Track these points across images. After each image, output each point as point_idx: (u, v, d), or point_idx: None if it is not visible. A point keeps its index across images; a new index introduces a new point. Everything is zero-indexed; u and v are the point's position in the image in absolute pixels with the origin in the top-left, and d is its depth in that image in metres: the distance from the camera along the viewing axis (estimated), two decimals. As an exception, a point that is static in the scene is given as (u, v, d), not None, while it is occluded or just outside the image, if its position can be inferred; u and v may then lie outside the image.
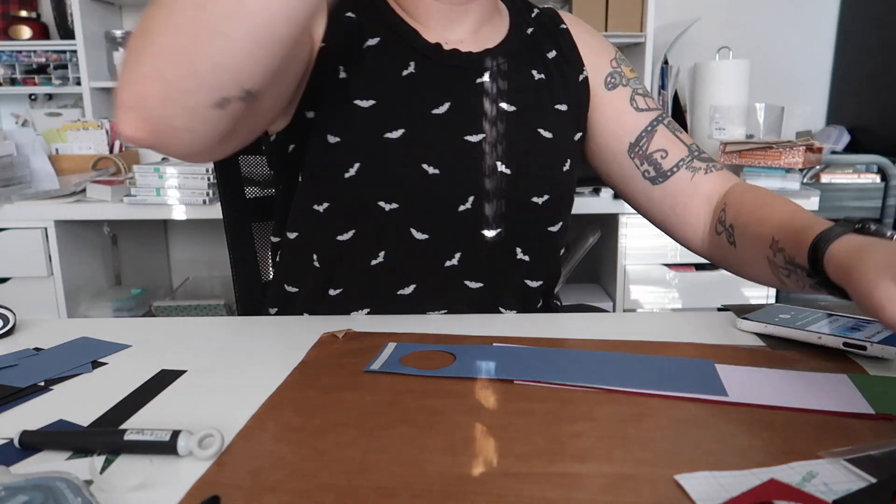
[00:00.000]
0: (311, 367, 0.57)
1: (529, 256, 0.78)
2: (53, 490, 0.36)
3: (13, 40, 2.19)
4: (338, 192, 0.71)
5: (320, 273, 0.76)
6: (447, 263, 0.74)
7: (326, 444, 0.44)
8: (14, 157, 1.83)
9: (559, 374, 0.54)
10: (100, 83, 2.16)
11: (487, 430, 0.46)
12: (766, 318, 0.65)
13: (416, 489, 0.38)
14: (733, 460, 0.41)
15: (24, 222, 1.74)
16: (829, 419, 0.47)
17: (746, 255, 0.71)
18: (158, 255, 2.46)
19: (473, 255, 0.75)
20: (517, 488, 0.38)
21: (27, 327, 0.69)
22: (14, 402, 0.52)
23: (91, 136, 2.02)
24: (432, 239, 0.73)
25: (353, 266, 0.74)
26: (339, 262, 0.74)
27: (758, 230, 0.68)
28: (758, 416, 0.47)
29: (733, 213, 0.73)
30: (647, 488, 0.38)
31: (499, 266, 0.77)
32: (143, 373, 0.57)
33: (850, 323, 0.63)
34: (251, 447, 0.44)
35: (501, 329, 0.66)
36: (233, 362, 0.59)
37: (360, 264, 0.74)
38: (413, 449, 0.43)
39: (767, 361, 0.58)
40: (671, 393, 0.51)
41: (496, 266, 0.76)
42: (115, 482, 0.39)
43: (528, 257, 0.78)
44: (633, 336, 0.64)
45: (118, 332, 0.67)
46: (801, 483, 0.38)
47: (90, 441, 0.44)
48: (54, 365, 0.59)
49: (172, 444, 0.42)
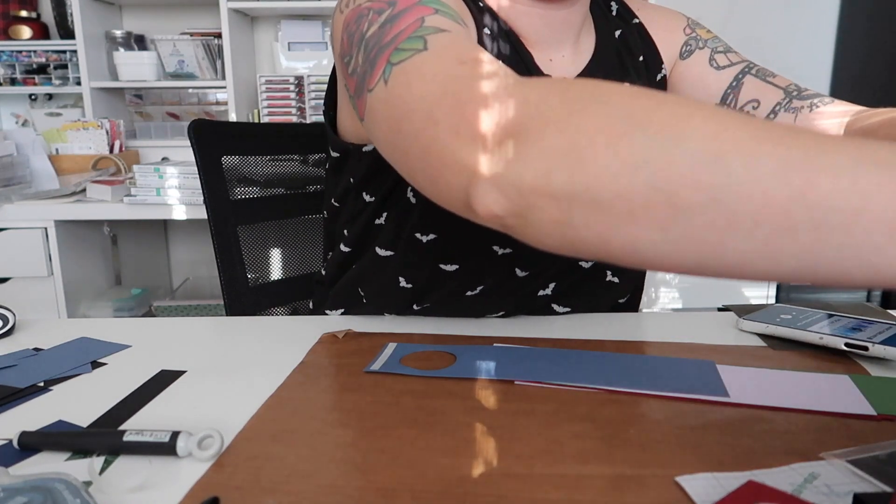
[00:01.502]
0: (311, 368, 0.57)
1: (619, 278, 0.77)
2: (52, 491, 0.36)
3: (13, 40, 2.19)
4: (448, 227, 0.68)
5: (409, 292, 0.73)
6: (540, 293, 0.73)
7: (326, 444, 0.44)
8: (14, 157, 1.83)
9: (560, 375, 0.54)
10: (100, 83, 2.16)
11: (488, 430, 0.45)
12: (767, 319, 0.65)
13: (416, 490, 0.38)
14: (734, 461, 0.41)
15: (24, 222, 1.74)
16: (830, 420, 0.47)
17: None
18: (158, 255, 2.46)
19: (567, 284, 0.74)
20: (518, 489, 0.38)
21: (27, 327, 0.69)
22: (13, 403, 0.51)
23: (91, 136, 2.02)
24: (533, 274, 0.72)
25: (448, 293, 0.73)
26: (435, 288, 0.73)
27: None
28: (759, 417, 0.47)
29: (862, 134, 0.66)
30: (647, 489, 0.38)
31: (590, 291, 0.76)
32: (142, 373, 0.57)
33: (851, 323, 0.63)
34: (251, 448, 0.43)
35: (502, 329, 0.66)
36: (233, 362, 0.59)
37: (456, 292, 0.72)
38: (413, 450, 0.43)
39: (769, 362, 0.58)
40: (672, 394, 0.51)
41: (586, 291, 0.76)
42: (115, 483, 0.39)
43: (618, 279, 0.77)
44: (633, 336, 0.64)
45: (118, 332, 0.67)
46: (802, 484, 0.38)
47: (89, 442, 0.44)
48: (54, 365, 0.59)
49: (172, 445, 0.42)
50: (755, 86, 0.76)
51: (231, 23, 2.17)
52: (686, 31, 0.81)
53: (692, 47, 0.80)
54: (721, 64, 0.79)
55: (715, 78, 0.78)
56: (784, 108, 0.74)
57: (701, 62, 0.79)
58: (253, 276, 0.94)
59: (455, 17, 0.52)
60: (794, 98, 0.74)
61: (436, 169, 0.43)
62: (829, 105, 0.73)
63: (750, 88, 0.76)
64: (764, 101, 0.75)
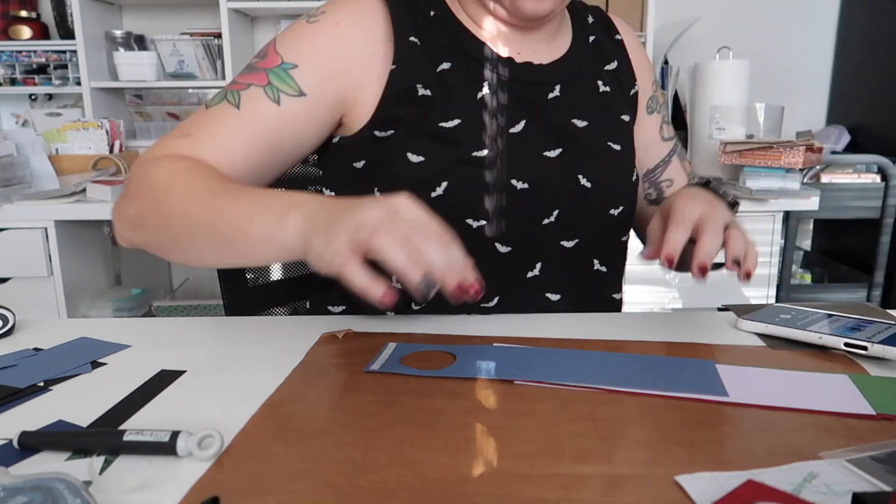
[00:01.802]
0: (311, 368, 0.57)
1: (606, 268, 0.79)
2: (52, 491, 0.36)
3: (13, 40, 2.19)
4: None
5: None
6: (529, 275, 0.75)
7: (326, 444, 0.44)
8: (14, 157, 1.83)
9: (559, 375, 0.54)
10: (100, 83, 2.16)
11: (488, 430, 0.45)
12: (766, 318, 0.65)
13: (416, 490, 0.38)
14: (734, 461, 0.41)
15: (24, 222, 1.74)
16: (830, 420, 0.47)
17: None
18: (158, 255, 2.46)
19: (554, 266, 0.75)
20: (518, 489, 0.38)
21: (27, 327, 0.69)
22: (13, 403, 0.51)
23: (91, 136, 2.02)
24: (514, 251, 0.73)
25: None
26: None
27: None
28: (758, 417, 0.47)
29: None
30: (647, 489, 0.38)
31: (578, 277, 0.77)
32: (142, 373, 0.57)
33: (850, 323, 0.63)
34: (251, 447, 0.43)
35: (501, 329, 0.66)
36: (233, 362, 0.59)
37: None
38: (413, 449, 0.43)
39: (768, 361, 0.58)
40: (672, 393, 0.51)
41: (575, 277, 0.77)
42: (115, 483, 0.39)
43: (606, 268, 0.78)
44: (633, 336, 0.64)
45: (118, 332, 0.67)
46: (802, 484, 0.38)
47: (89, 442, 0.44)
48: (54, 365, 0.59)
49: (172, 445, 0.42)
50: (676, 168, 0.88)
51: (231, 23, 2.17)
52: (653, 87, 0.87)
53: (654, 106, 0.86)
54: (666, 136, 0.87)
55: (659, 147, 0.87)
56: None
57: (655, 126, 0.86)
58: (252, 276, 0.94)
59: (274, 96, 0.68)
60: (690, 185, 0.83)
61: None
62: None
63: (673, 169, 0.88)
64: (675, 184, 0.87)
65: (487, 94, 0.73)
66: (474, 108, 0.72)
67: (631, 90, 0.83)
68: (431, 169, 0.70)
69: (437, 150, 0.70)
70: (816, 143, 1.72)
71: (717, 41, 2.21)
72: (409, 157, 0.70)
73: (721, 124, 1.93)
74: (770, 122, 1.95)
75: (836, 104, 2.35)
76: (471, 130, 0.71)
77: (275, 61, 0.69)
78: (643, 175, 0.86)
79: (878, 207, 1.87)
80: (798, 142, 1.70)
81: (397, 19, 0.72)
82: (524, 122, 0.73)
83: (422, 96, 0.71)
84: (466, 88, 0.73)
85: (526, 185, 0.72)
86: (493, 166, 0.71)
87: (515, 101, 0.74)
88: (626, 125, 0.81)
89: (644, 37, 2.08)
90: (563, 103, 0.76)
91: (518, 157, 0.72)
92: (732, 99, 1.97)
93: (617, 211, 0.77)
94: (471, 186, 0.70)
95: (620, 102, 0.81)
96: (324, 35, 0.70)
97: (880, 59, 2.10)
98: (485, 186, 0.71)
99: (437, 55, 0.72)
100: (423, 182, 0.70)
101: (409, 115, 0.71)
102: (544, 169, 0.73)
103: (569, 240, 0.75)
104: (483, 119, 0.72)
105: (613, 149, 0.78)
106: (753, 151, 1.76)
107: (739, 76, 1.99)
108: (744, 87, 2.00)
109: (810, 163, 1.73)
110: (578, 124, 0.76)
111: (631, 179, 0.79)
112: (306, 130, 0.71)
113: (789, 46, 2.35)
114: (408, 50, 0.71)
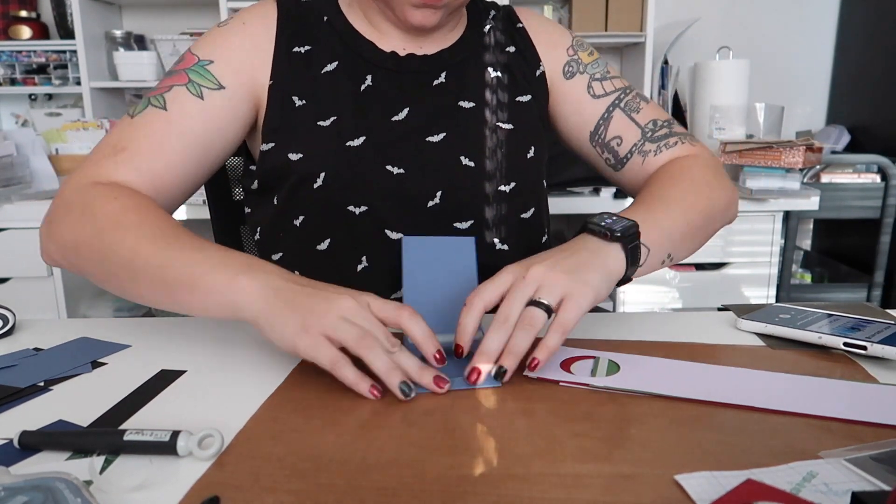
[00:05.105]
0: (311, 367, 0.57)
1: (508, 245, 0.79)
2: (53, 490, 0.36)
3: (13, 40, 2.19)
4: (309, 203, 0.74)
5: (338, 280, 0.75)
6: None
7: (326, 444, 0.44)
8: (14, 157, 1.83)
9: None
10: (100, 83, 2.16)
11: (488, 430, 0.45)
12: (766, 318, 0.65)
13: (415, 490, 0.38)
14: (733, 460, 0.41)
15: (24, 222, 1.74)
16: (829, 420, 0.47)
17: None
18: (158, 255, 2.46)
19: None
20: (517, 489, 0.38)
21: (27, 327, 0.69)
22: (14, 403, 0.52)
23: (91, 136, 2.02)
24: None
25: (337, 275, 0.73)
26: (323, 273, 0.72)
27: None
28: (758, 417, 0.47)
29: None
30: (647, 488, 0.38)
31: (480, 259, 0.77)
32: (142, 373, 0.57)
33: (850, 323, 0.63)
34: (251, 447, 0.43)
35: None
36: (233, 362, 0.59)
37: (344, 272, 0.75)
38: (413, 449, 0.43)
39: (768, 361, 0.58)
40: (671, 393, 0.51)
41: (478, 259, 0.76)
42: (115, 482, 0.39)
43: (507, 246, 0.79)
44: (633, 336, 0.64)
45: (118, 332, 0.67)
46: (801, 483, 0.38)
47: (90, 441, 0.44)
48: (54, 365, 0.59)
49: (172, 445, 0.42)
50: (621, 122, 0.81)
51: (231, 23, 2.17)
52: (569, 52, 0.84)
53: (574, 69, 0.84)
54: (597, 93, 0.83)
55: (591, 107, 0.83)
56: (638, 150, 0.80)
57: (580, 88, 0.83)
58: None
59: (197, 92, 0.71)
60: (647, 140, 0.81)
61: None
62: (671, 148, 0.80)
63: (617, 124, 0.82)
64: (625, 139, 0.81)
65: (370, 87, 0.75)
66: (356, 102, 0.75)
67: (536, 71, 0.82)
68: (310, 163, 0.73)
69: (315, 145, 0.73)
70: (816, 143, 1.72)
71: (717, 41, 2.21)
72: (290, 156, 0.73)
73: (721, 124, 1.93)
74: (770, 122, 1.95)
75: (836, 104, 2.35)
76: (348, 123, 0.74)
77: (192, 61, 0.73)
78: (590, 140, 0.83)
79: (878, 207, 1.87)
80: (798, 142, 1.70)
81: (281, 33, 0.76)
82: (407, 109, 0.75)
83: (298, 107, 0.74)
84: (350, 84, 0.75)
85: (402, 170, 0.74)
86: (368, 154, 0.73)
87: (398, 90, 0.76)
88: (525, 105, 0.80)
89: (644, 37, 2.08)
90: (449, 87, 0.78)
91: (397, 144, 0.74)
92: (732, 99, 1.97)
93: (508, 187, 0.77)
94: (349, 175, 0.73)
95: (521, 84, 0.81)
96: (234, 34, 0.75)
97: (880, 59, 2.10)
98: (360, 174, 0.73)
99: (323, 57, 0.76)
100: (305, 177, 0.73)
101: (286, 125, 0.74)
102: (424, 153, 0.75)
103: (462, 221, 0.76)
104: (363, 111, 0.75)
105: (503, 128, 0.78)
106: (753, 151, 1.76)
107: (739, 76, 1.99)
108: (744, 87, 2.01)
109: (810, 163, 1.73)
110: (465, 105, 0.77)
111: (525, 156, 0.79)
112: (230, 125, 0.74)
113: (789, 46, 2.35)
114: (290, 62, 0.75)
